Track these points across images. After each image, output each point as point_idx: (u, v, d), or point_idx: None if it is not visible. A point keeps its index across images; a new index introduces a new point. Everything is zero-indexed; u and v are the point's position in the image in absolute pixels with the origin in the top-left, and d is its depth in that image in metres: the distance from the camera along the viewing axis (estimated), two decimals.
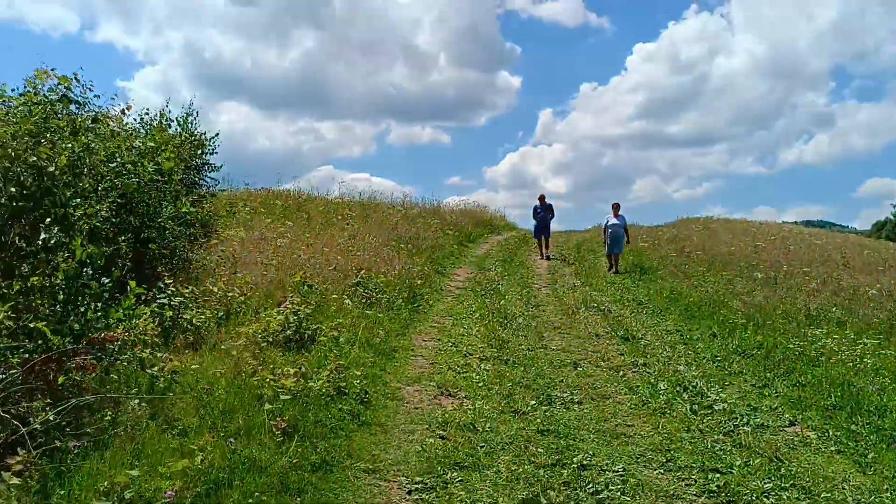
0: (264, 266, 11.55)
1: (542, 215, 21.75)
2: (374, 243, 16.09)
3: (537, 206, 21.81)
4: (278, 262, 11.95)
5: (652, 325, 12.64)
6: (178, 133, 16.43)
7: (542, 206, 21.79)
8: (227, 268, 11.41)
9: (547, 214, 21.81)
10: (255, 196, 21.18)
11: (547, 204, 21.91)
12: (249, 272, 11.10)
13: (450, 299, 14.27)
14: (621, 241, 19.14)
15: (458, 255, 19.93)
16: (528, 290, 15.88)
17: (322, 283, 11.34)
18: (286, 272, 11.29)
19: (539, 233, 21.84)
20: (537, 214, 21.79)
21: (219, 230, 15.98)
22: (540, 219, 21.74)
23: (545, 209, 21.82)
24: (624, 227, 19.20)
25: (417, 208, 24.26)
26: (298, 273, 10.02)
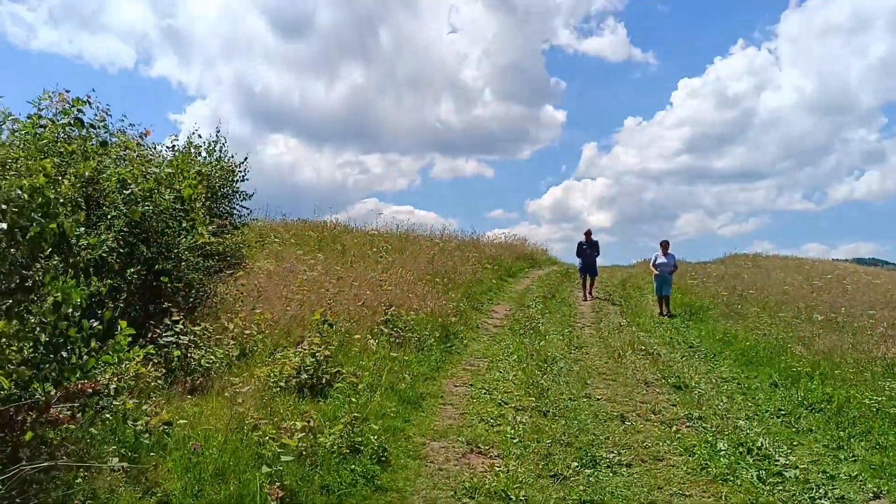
0: (288, 301, 10.74)
1: (589, 253, 20.05)
2: (408, 277, 15.24)
3: (583, 242, 20.16)
4: (303, 296, 11.13)
5: (705, 372, 11.54)
6: (206, 160, 15.91)
7: (588, 243, 20.13)
8: (248, 302, 10.64)
9: (593, 252, 20.14)
10: (290, 227, 20.54)
11: (593, 241, 20.26)
12: (271, 307, 10.30)
13: (486, 339, 13.32)
14: (671, 282, 17.88)
15: (498, 291, 18.97)
16: (571, 329, 14.86)
17: (348, 321, 10.49)
18: (310, 308, 10.47)
19: (585, 272, 20.10)
20: (583, 251, 20.11)
21: (248, 262, 15.33)
22: (586, 257, 20.03)
23: (591, 246, 20.15)
24: (674, 266, 18.00)
25: (456, 241, 23.36)
26: (319, 310, 9.17)
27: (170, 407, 6.68)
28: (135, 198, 9.32)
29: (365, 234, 20.66)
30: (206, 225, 11.09)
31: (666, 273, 17.61)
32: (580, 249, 20.09)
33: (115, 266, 8.15)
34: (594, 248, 20.18)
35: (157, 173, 9.95)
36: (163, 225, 9.73)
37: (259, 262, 14.99)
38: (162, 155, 13.52)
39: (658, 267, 17.69)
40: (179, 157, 11.97)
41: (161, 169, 10.02)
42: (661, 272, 17.61)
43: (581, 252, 20.09)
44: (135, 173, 9.50)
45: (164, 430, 5.85)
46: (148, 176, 9.64)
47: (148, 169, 9.78)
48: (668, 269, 17.72)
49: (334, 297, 11.55)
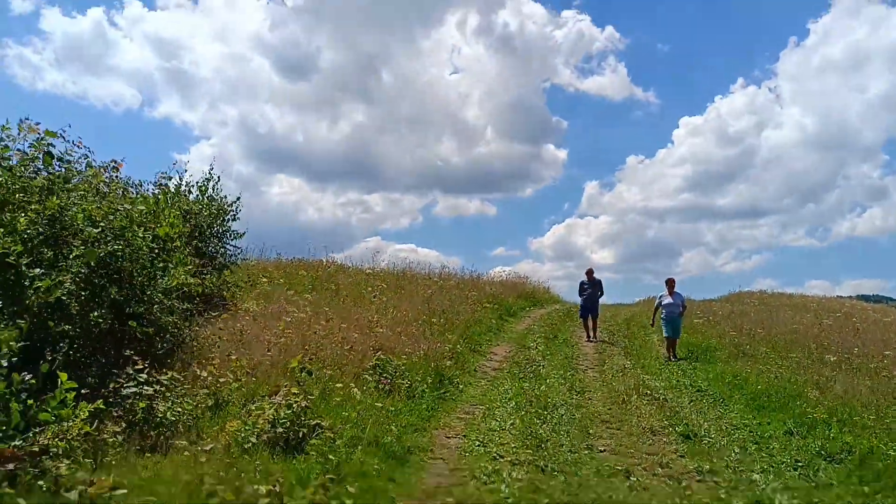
0: (270, 345, 10.05)
1: (591, 292, 18.97)
2: (402, 318, 14.54)
3: (584, 281, 19.18)
4: (287, 340, 10.44)
5: (714, 418, 10.78)
6: (198, 198, 15.34)
7: (589, 282, 19.11)
8: (227, 347, 9.95)
9: (595, 291, 19.05)
10: (283, 266, 19.90)
11: (595, 279, 19.26)
12: (250, 353, 9.62)
13: (484, 383, 12.57)
14: (679, 324, 16.48)
15: (498, 331, 18.24)
16: (573, 372, 14.11)
17: (333, 367, 9.78)
18: (293, 353, 9.77)
19: (586, 312, 18.96)
20: (584, 291, 19.07)
21: (235, 303, 14.67)
22: (587, 297, 18.96)
23: (593, 285, 19.12)
24: (682, 307, 16.60)
25: (455, 279, 22.68)
26: (297, 357, 8.46)
27: (120, 469, 5.97)
28: (104, 237, 8.71)
29: (360, 274, 20.00)
30: (186, 265, 10.46)
31: (674, 315, 16.21)
32: (581, 289, 19.15)
33: (73, 310, 7.48)
34: (597, 287, 19.19)
35: (130, 210, 9.34)
36: (137, 266, 9.10)
37: (246, 304, 14.34)
38: (145, 191, 12.96)
39: (665, 308, 16.35)
40: (160, 195, 11.36)
41: (134, 206, 9.39)
42: (669, 314, 16.22)
43: (582, 291, 19.13)
44: (104, 210, 8.88)
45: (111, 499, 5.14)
46: (119, 213, 9.02)
47: (120, 206, 9.15)
48: (677, 310, 16.28)
49: (320, 341, 10.85)
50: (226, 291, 14.37)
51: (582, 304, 19.09)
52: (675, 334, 16.26)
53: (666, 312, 16.25)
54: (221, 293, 14.55)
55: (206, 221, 14.50)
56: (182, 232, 11.50)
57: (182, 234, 11.30)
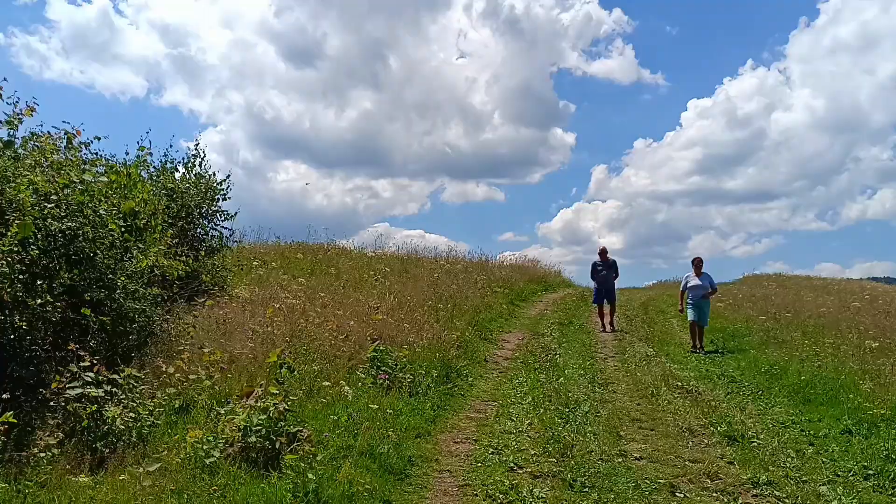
0: (253, 335, 8.72)
1: (605, 274, 16.65)
2: (406, 303, 13.17)
3: (597, 262, 16.83)
4: (273, 329, 9.10)
5: (757, 414, 9.42)
6: (184, 176, 14.01)
7: (603, 264, 16.78)
8: (205, 337, 8.63)
9: (610, 273, 16.76)
10: (281, 250, 18.55)
11: (610, 260, 16.93)
12: (231, 344, 8.29)
13: (495, 375, 11.22)
14: (706, 309, 14.54)
15: (508, 317, 16.85)
16: (593, 361, 12.75)
17: (324, 359, 8.45)
18: (278, 344, 8.43)
19: (600, 297, 16.67)
20: (598, 273, 16.72)
21: (226, 288, 13.35)
22: (602, 279, 16.63)
23: (607, 267, 16.79)
24: (711, 290, 14.69)
25: (463, 262, 21.24)
26: (277, 349, 7.09)
27: (43, 495, 4.65)
28: (57, 213, 7.38)
29: (363, 257, 18.62)
30: (160, 245, 9.13)
31: (700, 298, 14.37)
32: (594, 271, 16.88)
33: (6, 297, 6.15)
34: (611, 269, 16.92)
35: (92, 183, 7.99)
36: (98, 245, 7.76)
37: (237, 290, 13.01)
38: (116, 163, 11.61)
39: (690, 291, 14.51)
40: (132, 167, 10.00)
41: (94, 178, 8.03)
42: (695, 298, 14.39)
43: (596, 274, 16.83)
44: (60, 182, 7.55)
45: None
46: (74, 185, 7.67)
47: (77, 176, 7.79)
48: (703, 293, 14.47)
49: (313, 330, 9.50)
50: (214, 276, 13.03)
51: (595, 287, 16.89)
52: (701, 320, 14.36)
53: (691, 296, 14.48)
54: (211, 278, 13.22)
55: (194, 201, 13.14)
56: (158, 209, 10.19)
57: (159, 212, 9.98)
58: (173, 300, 9.70)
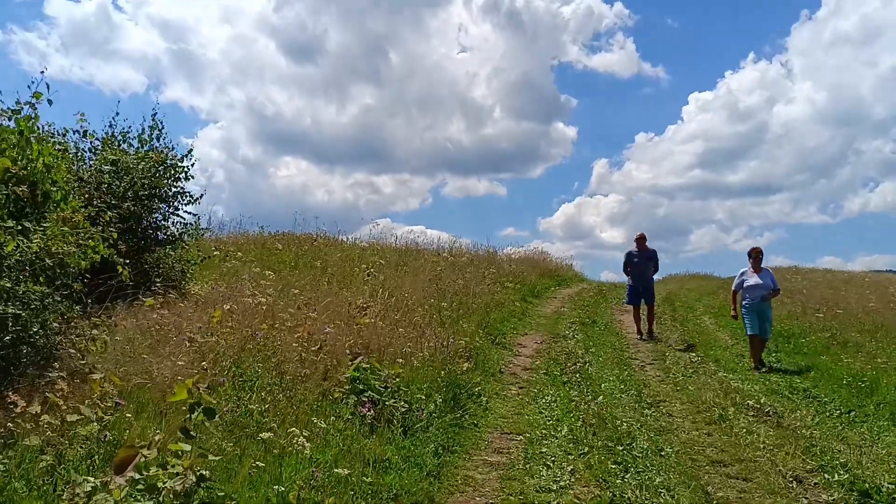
0: (185, 350, 6.15)
1: (643, 267, 13.30)
2: (403, 302, 10.59)
3: (633, 252, 13.42)
4: (218, 339, 6.52)
5: (866, 445, 6.87)
6: (138, 151, 11.45)
7: (640, 254, 13.34)
8: (115, 355, 6.05)
9: (648, 266, 13.36)
10: (262, 240, 15.95)
11: (649, 250, 13.46)
12: (151, 362, 5.73)
13: (515, 391, 8.65)
14: (769, 316, 10.90)
15: (522, 316, 14.25)
16: (630, 371, 10.19)
17: (285, 384, 5.87)
18: (220, 362, 5.87)
19: (637, 296, 13.26)
20: (633, 266, 13.35)
21: (183, 285, 10.81)
22: (638, 273, 13.27)
23: (645, 258, 13.35)
24: (774, 290, 11.00)
25: (468, 255, 18.61)
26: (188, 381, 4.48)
27: None
28: None
29: (355, 249, 16.00)
30: (62, 226, 6.57)
31: (760, 301, 10.76)
32: (629, 263, 13.44)
33: None
34: (650, 260, 13.43)
35: None
36: None
37: (197, 286, 10.45)
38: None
39: (748, 292, 10.90)
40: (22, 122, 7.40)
41: None
42: (754, 301, 10.78)
43: (631, 266, 13.40)
44: None
45: None
46: None
47: None
48: (765, 293, 10.81)
49: (276, 339, 6.93)
50: (166, 270, 10.47)
51: (630, 284, 13.47)
52: (763, 332, 10.76)
53: (750, 298, 10.88)
54: (162, 273, 10.67)
55: (146, 179, 10.55)
56: (68, 177, 7.61)
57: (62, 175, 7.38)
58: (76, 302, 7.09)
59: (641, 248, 13.41)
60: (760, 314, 10.74)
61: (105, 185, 10.14)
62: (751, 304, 10.85)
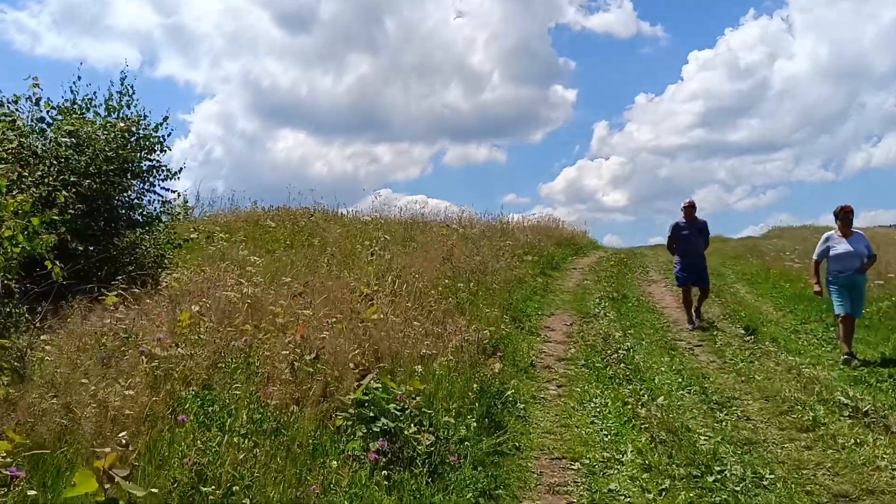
0: (146, 366, 4.61)
1: (693, 242, 10.64)
2: (416, 282, 9.04)
3: (681, 223, 10.78)
4: (184, 351, 4.97)
5: None
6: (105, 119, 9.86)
7: (688, 225, 10.72)
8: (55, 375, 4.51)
9: (699, 241, 10.71)
10: (254, 217, 14.35)
11: (699, 221, 10.82)
12: (91, 389, 4.20)
13: (554, 392, 7.13)
14: (863, 290, 8.77)
15: (544, 293, 12.69)
16: (680, 357, 8.68)
17: (278, 410, 4.35)
18: (192, 378, 4.33)
19: (687, 277, 10.61)
20: (681, 239, 10.70)
21: (159, 273, 9.28)
22: (689, 248, 10.64)
23: (695, 230, 10.72)
24: (869, 257, 8.63)
25: (479, 226, 17.00)
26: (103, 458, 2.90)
27: None
28: None
29: (357, 223, 14.38)
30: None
31: (853, 273, 8.50)
32: (676, 237, 10.76)
33: None
34: (700, 234, 10.78)
35: None
36: None
37: (174, 274, 8.89)
38: None
39: (835, 262, 8.60)
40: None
41: None
42: (845, 272, 8.51)
43: (679, 240, 10.72)
44: None
45: None
46: None
47: None
48: (857, 263, 8.50)
49: (261, 346, 5.40)
50: (137, 257, 8.93)
51: (679, 263, 10.74)
52: (855, 311, 8.54)
53: (838, 270, 8.56)
54: (140, 260, 9.14)
55: (111, 151, 8.93)
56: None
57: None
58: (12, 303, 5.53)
59: (690, 217, 10.75)
60: (853, 288, 8.55)
61: (62, 160, 8.56)
62: (840, 277, 8.59)
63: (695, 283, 10.67)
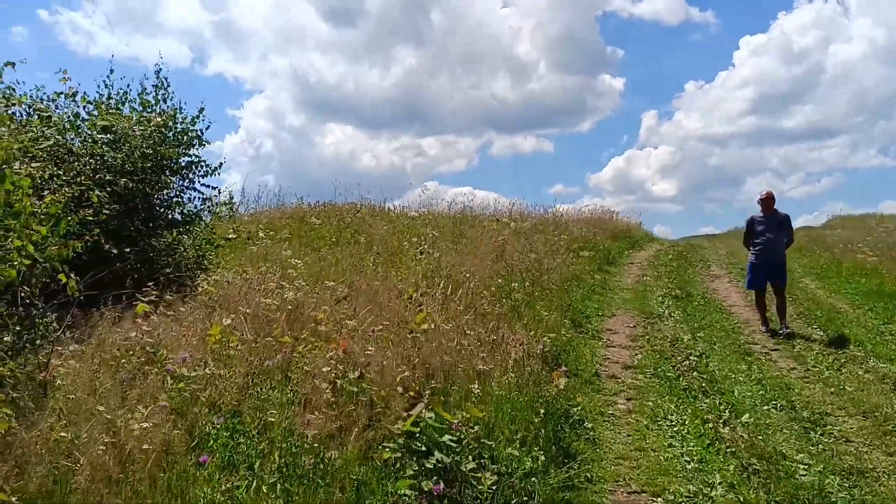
0: (170, 390, 4.07)
1: (770, 239, 9.40)
2: (467, 283, 8.39)
3: (758, 217, 9.56)
4: (217, 371, 4.41)
5: None
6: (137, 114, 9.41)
7: (766, 219, 9.48)
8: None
9: (779, 236, 9.43)
10: (300, 214, 13.85)
11: (780, 215, 9.53)
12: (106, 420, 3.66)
13: (623, 406, 6.42)
14: None
15: (603, 290, 11.93)
16: (758, 363, 7.87)
17: (316, 442, 3.76)
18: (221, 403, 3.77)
19: (761, 277, 9.50)
20: (758, 234, 9.51)
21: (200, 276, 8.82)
22: (767, 245, 9.40)
23: (774, 225, 9.45)
24: None
25: (531, 219, 16.24)
26: None
27: None
28: None
29: (404, 219, 13.78)
30: None
31: None
32: (752, 232, 9.60)
33: None
34: (781, 229, 9.46)
35: None
36: None
37: (214, 277, 8.39)
38: None
39: None
40: None
41: None
42: None
43: (755, 236, 9.54)
44: None
45: None
46: None
47: None
48: None
49: (300, 360, 4.82)
50: (176, 259, 8.47)
51: (754, 261, 9.58)
52: None
53: None
54: (179, 262, 8.69)
55: (147, 148, 8.46)
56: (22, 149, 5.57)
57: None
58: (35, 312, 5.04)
59: (768, 211, 9.51)
60: None
61: (97, 157, 8.12)
62: None
63: (769, 278, 9.49)
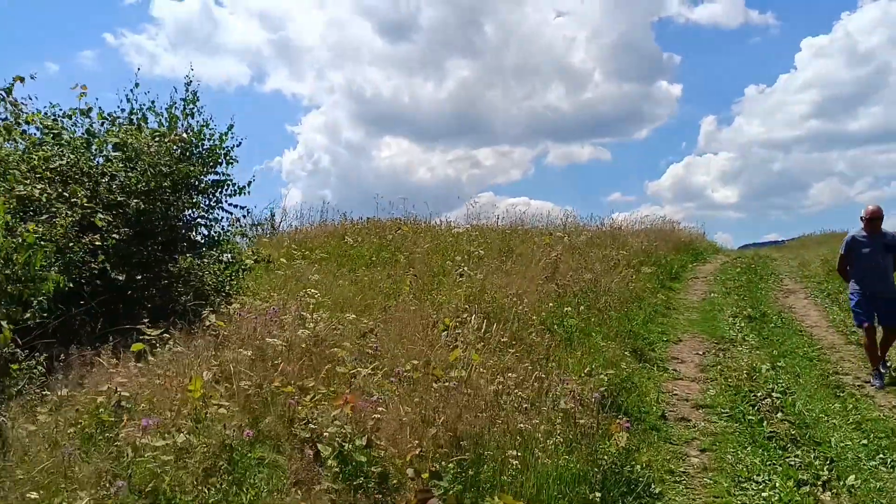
0: (130, 462, 3.20)
1: (878, 264, 7.51)
2: (514, 307, 7.38)
3: (859, 237, 7.67)
4: (188, 440, 3.52)
5: None
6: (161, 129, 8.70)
7: (870, 239, 7.57)
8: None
9: (887, 258, 7.47)
10: (340, 233, 13.01)
11: (888, 234, 7.55)
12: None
13: (696, 461, 5.33)
14: None
15: (666, 310, 10.76)
16: (852, 402, 6.66)
17: None
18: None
19: (869, 309, 7.48)
20: (861, 258, 7.63)
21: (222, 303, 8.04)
22: (871, 270, 7.54)
23: (881, 245, 7.51)
24: None
25: (587, 232, 15.04)
26: None
27: None
28: None
29: (448, 234, 12.79)
30: None
31: None
32: (852, 255, 7.75)
33: None
34: (889, 251, 7.51)
35: None
36: None
37: (236, 304, 7.57)
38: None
39: None
40: None
41: None
42: None
43: (857, 258, 7.68)
44: None
45: None
46: None
47: None
48: None
49: (308, 415, 3.92)
50: (194, 287, 7.69)
51: (857, 293, 7.64)
52: None
53: None
54: (197, 289, 7.92)
55: (164, 166, 7.70)
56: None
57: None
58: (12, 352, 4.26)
59: (874, 229, 7.58)
60: None
61: (109, 177, 7.41)
62: None
63: (882, 321, 7.50)
